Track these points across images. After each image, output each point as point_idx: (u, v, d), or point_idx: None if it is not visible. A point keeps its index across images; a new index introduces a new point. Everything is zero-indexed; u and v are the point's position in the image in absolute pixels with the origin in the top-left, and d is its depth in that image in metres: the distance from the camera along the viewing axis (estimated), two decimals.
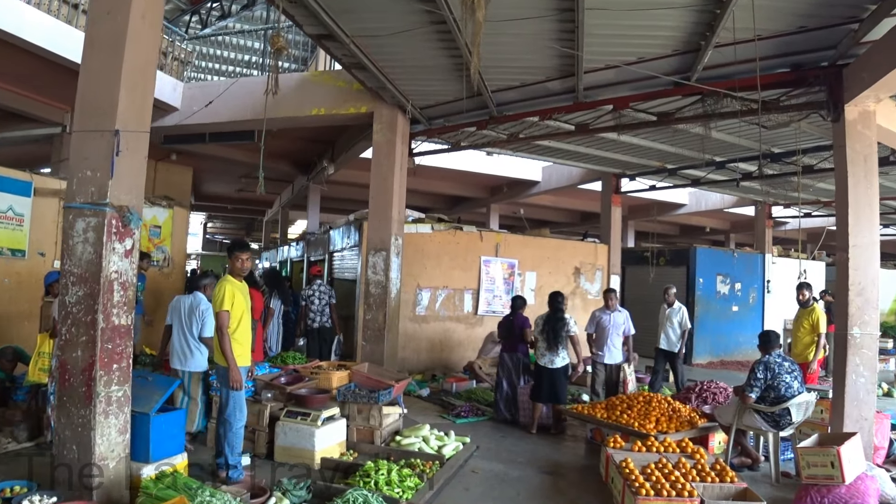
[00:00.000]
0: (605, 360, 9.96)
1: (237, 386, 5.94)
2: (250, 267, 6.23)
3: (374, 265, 10.93)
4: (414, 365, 12.90)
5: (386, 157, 11.05)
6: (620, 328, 10.02)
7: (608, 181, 16.32)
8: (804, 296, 10.05)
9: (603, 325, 10.00)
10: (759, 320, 19.24)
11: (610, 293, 10.32)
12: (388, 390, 7.52)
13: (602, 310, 10.25)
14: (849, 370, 6.83)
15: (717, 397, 8.73)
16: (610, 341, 9.95)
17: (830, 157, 11.65)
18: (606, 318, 10.03)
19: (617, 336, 9.99)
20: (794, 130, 10.79)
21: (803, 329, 9.81)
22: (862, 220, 6.99)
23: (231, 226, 42.84)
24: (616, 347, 10.01)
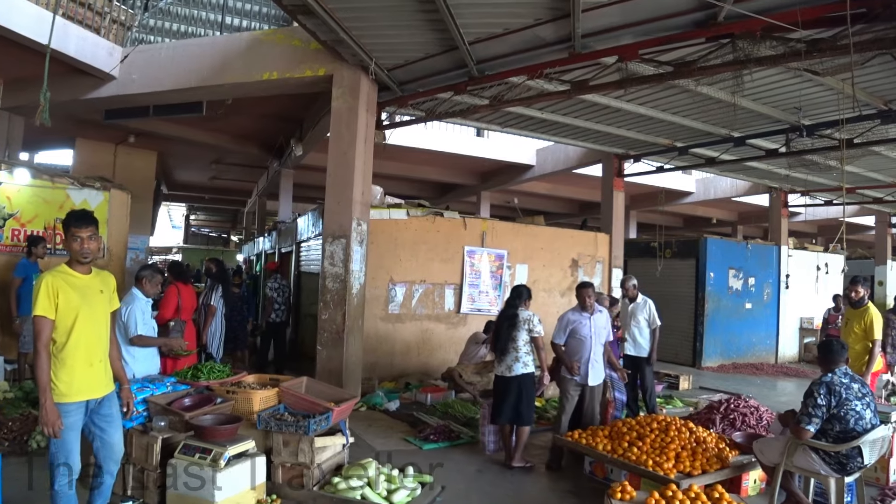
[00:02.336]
0: (589, 380, 7.15)
1: (49, 430, 4.10)
2: (95, 250, 4.36)
3: (332, 255, 9.19)
4: (386, 371, 11.17)
5: (347, 126, 9.31)
6: (603, 335, 7.36)
7: (609, 163, 14.55)
8: (858, 293, 8.17)
9: (580, 332, 7.17)
10: (774, 319, 17.52)
11: (586, 289, 7.24)
12: (326, 416, 5.77)
13: (576, 311, 7.30)
14: None
15: (748, 419, 7.01)
16: (592, 355, 7.14)
17: (875, 127, 9.92)
18: (584, 324, 7.17)
19: (599, 346, 7.26)
20: (836, 96, 9.07)
21: (854, 334, 7.99)
22: None
23: (215, 218, 41.09)
24: (599, 362, 7.28)
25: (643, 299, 9.18)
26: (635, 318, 9.08)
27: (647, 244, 17.24)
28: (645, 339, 8.99)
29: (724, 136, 11.81)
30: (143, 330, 6.38)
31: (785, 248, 17.87)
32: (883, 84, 8.83)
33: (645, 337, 9.00)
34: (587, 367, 7.11)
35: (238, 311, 11.78)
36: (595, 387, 7.28)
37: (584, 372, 7.10)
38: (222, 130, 15.53)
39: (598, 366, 7.26)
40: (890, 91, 9.11)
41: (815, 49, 6.10)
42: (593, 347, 7.14)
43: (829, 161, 12.22)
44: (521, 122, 11.95)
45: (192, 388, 6.12)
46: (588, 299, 7.19)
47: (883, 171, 14.83)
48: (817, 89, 9.15)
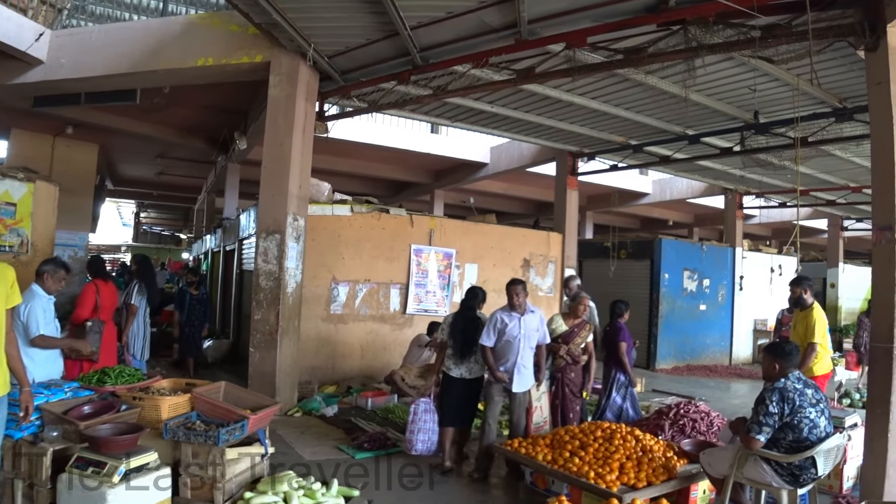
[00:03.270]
0: (514, 387, 6.52)
1: None
2: None
3: (266, 252, 8.69)
4: (328, 374, 10.66)
5: (284, 116, 8.84)
6: (534, 338, 6.70)
7: (563, 161, 14.21)
8: (794, 294, 7.81)
9: (509, 334, 6.53)
10: (728, 320, 17.40)
11: (515, 286, 6.59)
12: (241, 424, 5.27)
13: (506, 311, 6.63)
14: (895, 400, 4.79)
15: (698, 425, 6.66)
16: (519, 358, 6.51)
17: (830, 126, 9.71)
18: (514, 325, 6.53)
19: (529, 350, 6.62)
20: (791, 93, 8.82)
21: (799, 337, 7.67)
22: None
23: (167, 215, 39.93)
24: (528, 368, 6.64)
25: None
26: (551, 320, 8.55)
27: (601, 245, 16.97)
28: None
29: (679, 134, 11.55)
30: (45, 330, 5.84)
31: (739, 250, 17.77)
32: (838, 81, 8.61)
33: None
34: (513, 372, 6.48)
35: (197, 316, 11.29)
36: (520, 394, 6.59)
37: (511, 376, 6.49)
38: (165, 123, 14.88)
39: (527, 371, 6.59)
40: (845, 88, 8.89)
41: (771, 35, 5.78)
42: (521, 351, 6.49)
43: (783, 161, 12.02)
44: (472, 117, 11.54)
45: (95, 393, 5.57)
46: (517, 297, 6.52)
47: (836, 173, 14.74)
48: (772, 85, 8.90)
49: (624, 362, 7.98)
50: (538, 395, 6.99)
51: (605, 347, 8.32)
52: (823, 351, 7.42)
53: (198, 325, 11.25)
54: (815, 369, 7.28)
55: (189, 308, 11.13)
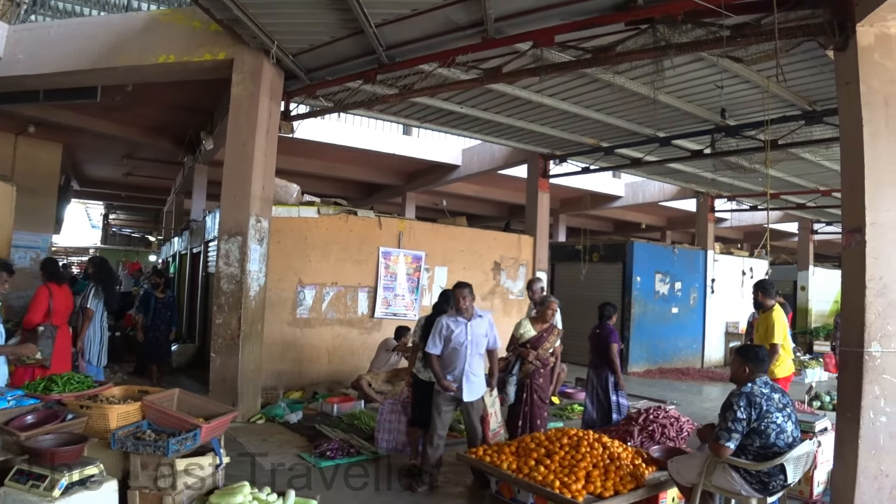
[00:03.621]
0: (465, 395, 6.15)
1: None
2: None
3: (228, 254, 8.46)
4: (294, 380, 10.43)
5: (247, 115, 8.62)
6: (483, 344, 6.35)
7: (535, 163, 14.11)
8: (755, 297, 7.83)
9: (455, 340, 6.18)
10: (700, 323, 17.40)
11: (461, 289, 6.25)
12: (193, 433, 5.06)
13: (452, 316, 6.30)
14: (865, 405, 4.67)
15: (668, 431, 6.54)
16: (467, 366, 6.16)
17: (799, 128, 9.67)
18: (460, 331, 6.18)
19: (478, 356, 6.29)
20: (761, 95, 8.78)
21: (760, 339, 7.68)
22: (884, 186, 4.81)
23: (137, 217, 39.28)
24: (478, 375, 6.28)
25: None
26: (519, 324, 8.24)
27: (573, 248, 16.89)
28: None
29: (650, 137, 11.50)
30: None
31: (711, 253, 17.79)
32: (807, 83, 8.59)
33: None
34: (462, 380, 6.15)
35: (163, 320, 10.92)
36: (474, 402, 6.26)
37: (458, 386, 6.15)
38: (129, 122, 14.54)
39: (477, 379, 6.25)
40: (814, 91, 8.88)
41: (740, 35, 5.68)
42: (469, 358, 6.16)
43: (753, 164, 12.00)
44: (442, 118, 11.41)
45: (41, 402, 5.32)
46: (463, 301, 6.19)
47: (805, 177, 14.80)
48: (742, 87, 8.86)
49: (615, 364, 8.12)
50: (491, 401, 6.56)
51: (594, 349, 8.46)
52: (785, 353, 7.38)
53: (163, 329, 10.88)
54: (777, 371, 7.20)
55: (154, 312, 10.79)
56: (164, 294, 11.10)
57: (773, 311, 7.41)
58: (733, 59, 6.38)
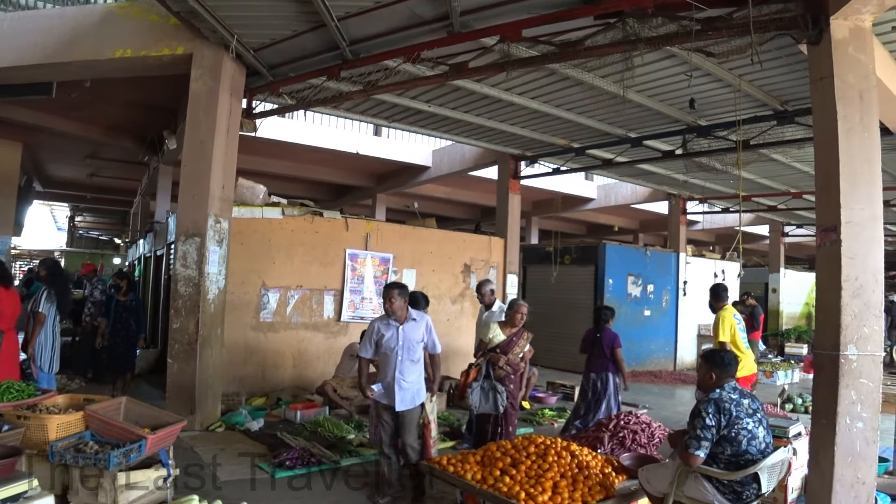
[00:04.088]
0: (398, 404, 5.81)
1: None
2: None
3: (185, 256, 8.15)
4: (257, 385, 10.11)
5: (206, 111, 8.32)
6: (416, 350, 5.94)
7: (505, 164, 13.91)
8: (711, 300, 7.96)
9: (386, 345, 5.86)
10: (672, 326, 17.31)
11: (391, 290, 5.81)
12: (138, 445, 4.77)
13: (384, 319, 5.97)
14: (841, 410, 4.51)
15: (639, 437, 6.35)
16: (398, 373, 5.79)
17: (771, 129, 9.57)
18: (391, 335, 5.84)
19: (411, 363, 5.89)
20: (733, 94, 8.64)
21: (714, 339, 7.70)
22: (860, 183, 4.67)
23: (104, 220, 38.50)
24: (412, 383, 5.90)
25: (499, 307, 8.26)
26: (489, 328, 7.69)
27: (545, 250, 16.73)
28: None
29: (622, 137, 11.36)
30: None
31: (683, 255, 17.73)
32: (779, 83, 8.49)
33: None
34: (393, 387, 5.81)
35: (124, 325, 10.13)
36: (407, 412, 5.87)
37: (392, 391, 5.81)
38: (90, 120, 14.11)
39: (410, 386, 5.87)
40: (785, 91, 8.78)
41: (711, 28, 5.50)
42: (400, 365, 5.79)
43: (725, 166, 11.89)
44: (410, 117, 11.17)
45: None
46: (390, 304, 5.76)
47: (776, 178, 14.76)
48: (714, 86, 8.73)
49: (622, 366, 8.37)
50: (431, 408, 6.18)
51: (592, 353, 8.57)
52: (742, 354, 7.29)
53: (123, 335, 10.11)
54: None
55: (115, 316, 10.16)
56: (126, 297, 10.39)
57: (721, 311, 7.41)
58: (706, 54, 6.20)
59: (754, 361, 7.86)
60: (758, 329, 14.18)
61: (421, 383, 6.03)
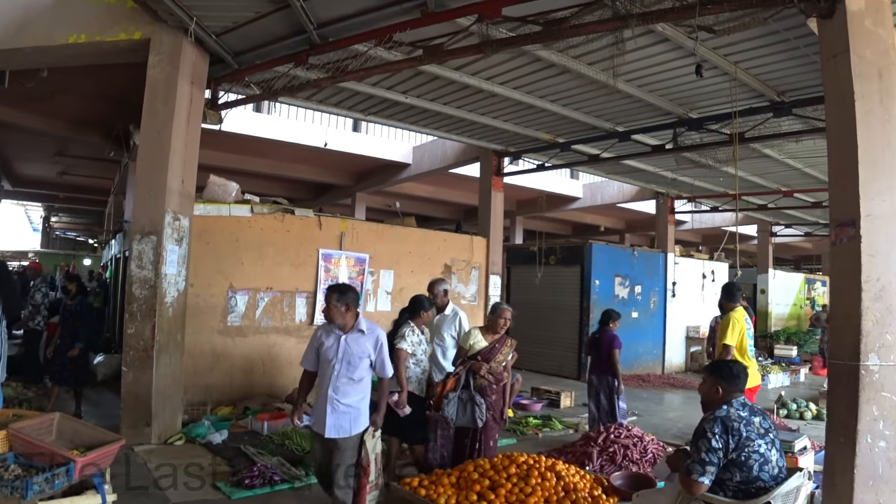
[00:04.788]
0: (327, 430, 4.74)
1: None
2: None
3: (141, 255, 7.54)
4: (225, 393, 9.50)
5: (163, 100, 7.73)
6: (360, 366, 4.84)
7: (488, 160, 13.35)
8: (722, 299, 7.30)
9: (324, 356, 4.88)
10: (660, 328, 16.84)
11: (331, 294, 4.85)
12: (66, 468, 4.19)
13: (328, 326, 4.97)
14: (861, 428, 4.00)
15: (631, 453, 5.82)
16: (332, 390, 4.77)
17: (767, 121, 9.08)
18: (332, 345, 4.84)
19: (350, 382, 4.80)
20: (728, 85, 8.17)
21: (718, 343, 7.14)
22: (881, 172, 4.15)
23: (80, 220, 37.61)
24: (348, 405, 4.79)
25: (453, 310, 7.25)
26: (439, 335, 7.07)
27: (529, 250, 16.22)
28: (447, 362, 6.88)
29: (609, 131, 10.85)
30: None
31: (672, 256, 17.27)
32: (777, 72, 8.00)
33: (448, 359, 6.89)
34: (324, 409, 4.77)
35: (70, 332, 8.96)
36: (339, 441, 4.76)
37: (324, 412, 4.79)
38: (54, 114, 13.44)
39: (346, 409, 4.77)
40: (783, 80, 8.30)
41: (711, 1, 4.95)
42: (335, 381, 4.76)
43: (717, 162, 11.35)
44: (387, 109, 10.60)
45: None
46: (330, 310, 4.84)
47: (767, 176, 14.31)
48: (707, 74, 8.19)
49: (617, 368, 8.20)
50: (373, 445, 4.94)
51: (595, 355, 8.59)
52: (748, 362, 6.77)
53: (69, 343, 8.91)
54: None
55: (62, 322, 9.24)
56: (73, 301, 9.26)
57: (732, 312, 6.87)
58: (706, 31, 5.67)
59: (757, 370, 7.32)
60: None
61: (363, 410, 4.91)
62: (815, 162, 12.24)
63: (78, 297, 9.19)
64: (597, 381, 8.45)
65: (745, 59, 7.55)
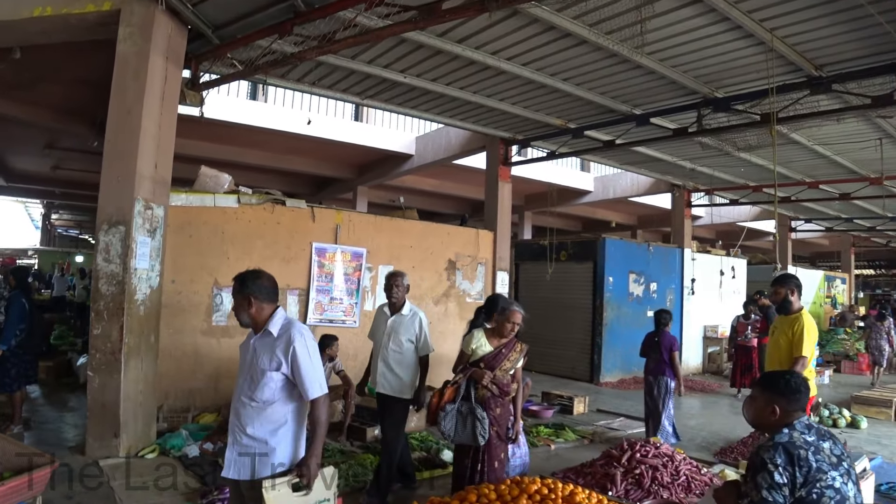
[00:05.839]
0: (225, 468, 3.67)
1: None
2: None
3: (108, 248, 6.77)
4: (209, 399, 8.72)
5: (134, 76, 6.99)
6: (268, 384, 3.57)
7: (494, 149, 12.49)
8: (778, 294, 6.24)
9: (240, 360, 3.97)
10: (677, 327, 15.89)
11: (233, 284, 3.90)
12: None
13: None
14: None
15: (660, 475, 5.00)
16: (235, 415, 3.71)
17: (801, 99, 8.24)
18: (243, 351, 3.92)
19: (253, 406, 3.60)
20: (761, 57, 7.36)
21: (779, 348, 6.13)
22: None
23: (83, 217, 36.90)
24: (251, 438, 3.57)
25: (411, 311, 6.09)
26: (396, 341, 5.97)
27: (539, 245, 15.41)
28: (405, 371, 5.95)
29: (626, 114, 10.01)
30: None
31: (689, 251, 16.42)
32: (818, 41, 7.15)
33: (406, 367, 5.95)
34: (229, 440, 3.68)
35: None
36: (242, 484, 3.60)
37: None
38: (37, 103, 12.71)
39: (250, 446, 3.56)
40: (823, 51, 7.44)
41: None
42: (235, 403, 3.73)
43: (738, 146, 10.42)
44: (385, 91, 9.80)
45: None
46: (234, 302, 3.84)
47: (791, 165, 13.42)
48: (739, 45, 7.37)
49: (678, 370, 8.45)
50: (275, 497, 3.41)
51: (651, 356, 8.66)
52: (809, 373, 5.92)
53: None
54: None
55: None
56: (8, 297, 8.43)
57: (801, 314, 5.93)
58: None
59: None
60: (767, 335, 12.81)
61: (276, 447, 3.56)
62: (847, 149, 11.38)
63: (14, 292, 8.11)
64: (654, 381, 8.50)
65: (784, 26, 6.72)
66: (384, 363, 5.98)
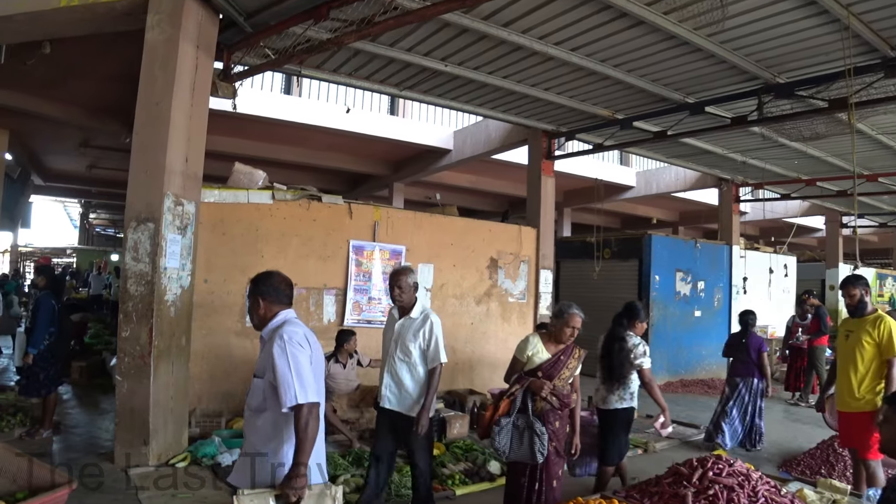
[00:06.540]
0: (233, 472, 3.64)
1: None
2: None
3: (136, 246, 6.44)
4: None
5: (163, 66, 6.65)
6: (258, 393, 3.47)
7: (537, 142, 11.99)
8: (853, 296, 5.76)
9: None
10: (725, 328, 15.29)
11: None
12: None
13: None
14: None
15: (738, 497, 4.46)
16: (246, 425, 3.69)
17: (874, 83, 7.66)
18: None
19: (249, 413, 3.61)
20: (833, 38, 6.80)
21: (861, 352, 5.62)
22: None
23: (118, 216, 36.90)
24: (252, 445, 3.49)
25: (422, 313, 5.22)
26: (404, 348, 5.16)
27: (582, 243, 14.90)
28: (414, 384, 5.14)
29: (678, 103, 9.46)
30: None
31: (737, 248, 15.77)
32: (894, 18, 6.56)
33: (416, 379, 5.14)
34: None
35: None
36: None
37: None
38: (70, 101, 12.62)
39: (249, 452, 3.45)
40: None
41: None
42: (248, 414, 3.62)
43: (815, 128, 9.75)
44: (424, 82, 9.39)
45: None
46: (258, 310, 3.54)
47: (849, 157, 12.67)
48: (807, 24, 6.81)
49: (767, 371, 8.56)
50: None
51: (738, 358, 8.74)
52: None
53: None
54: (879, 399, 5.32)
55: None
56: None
57: (880, 315, 5.52)
58: None
59: None
60: (826, 333, 12.16)
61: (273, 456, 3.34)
62: None
63: (43, 293, 7.76)
64: (741, 383, 8.53)
65: (861, 1, 6.16)
66: (390, 374, 5.19)
